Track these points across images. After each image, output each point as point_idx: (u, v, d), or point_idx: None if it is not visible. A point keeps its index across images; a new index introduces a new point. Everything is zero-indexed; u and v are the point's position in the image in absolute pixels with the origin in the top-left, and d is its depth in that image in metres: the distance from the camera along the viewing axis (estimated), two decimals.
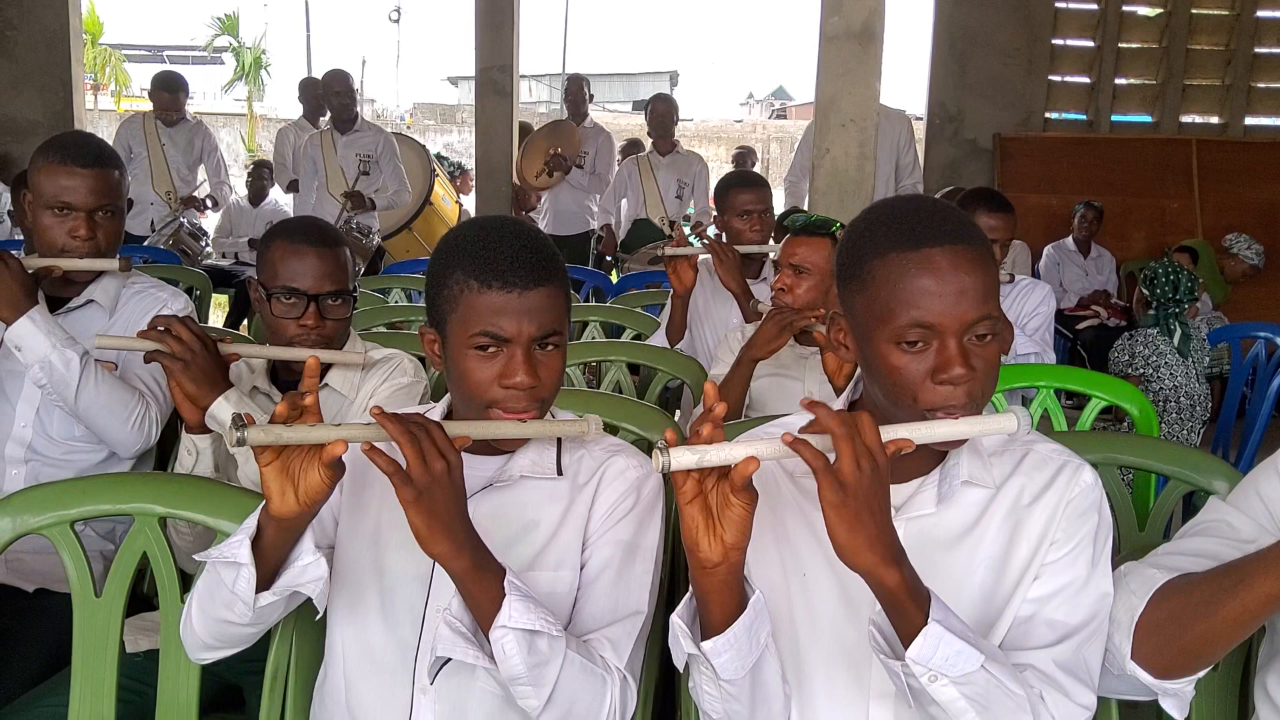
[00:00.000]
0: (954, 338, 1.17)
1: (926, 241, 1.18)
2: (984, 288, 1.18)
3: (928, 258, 1.17)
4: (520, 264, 1.32)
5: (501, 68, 7.22)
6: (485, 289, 1.31)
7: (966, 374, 1.16)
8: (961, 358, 1.16)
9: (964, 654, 1.08)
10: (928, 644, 1.07)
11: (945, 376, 1.16)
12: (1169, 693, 1.24)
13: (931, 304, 1.16)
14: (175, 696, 1.55)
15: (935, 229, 1.19)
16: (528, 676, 1.20)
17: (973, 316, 1.17)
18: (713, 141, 22.87)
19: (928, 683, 1.09)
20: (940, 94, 7.81)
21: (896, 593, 1.08)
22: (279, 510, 1.20)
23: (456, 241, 1.38)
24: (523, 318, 1.31)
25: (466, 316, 1.32)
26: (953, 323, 1.16)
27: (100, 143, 2.23)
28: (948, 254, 1.17)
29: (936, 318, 1.16)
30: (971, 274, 1.17)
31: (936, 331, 1.17)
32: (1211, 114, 8.00)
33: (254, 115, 25.16)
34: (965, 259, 1.17)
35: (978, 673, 1.09)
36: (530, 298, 1.31)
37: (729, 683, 1.16)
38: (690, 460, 1.07)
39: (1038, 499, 1.27)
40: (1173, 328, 4.08)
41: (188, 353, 1.79)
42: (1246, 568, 1.17)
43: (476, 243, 1.35)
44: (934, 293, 1.16)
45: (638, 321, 3.59)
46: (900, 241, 1.19)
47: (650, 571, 1.40)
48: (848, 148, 3.63)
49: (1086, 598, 1.24)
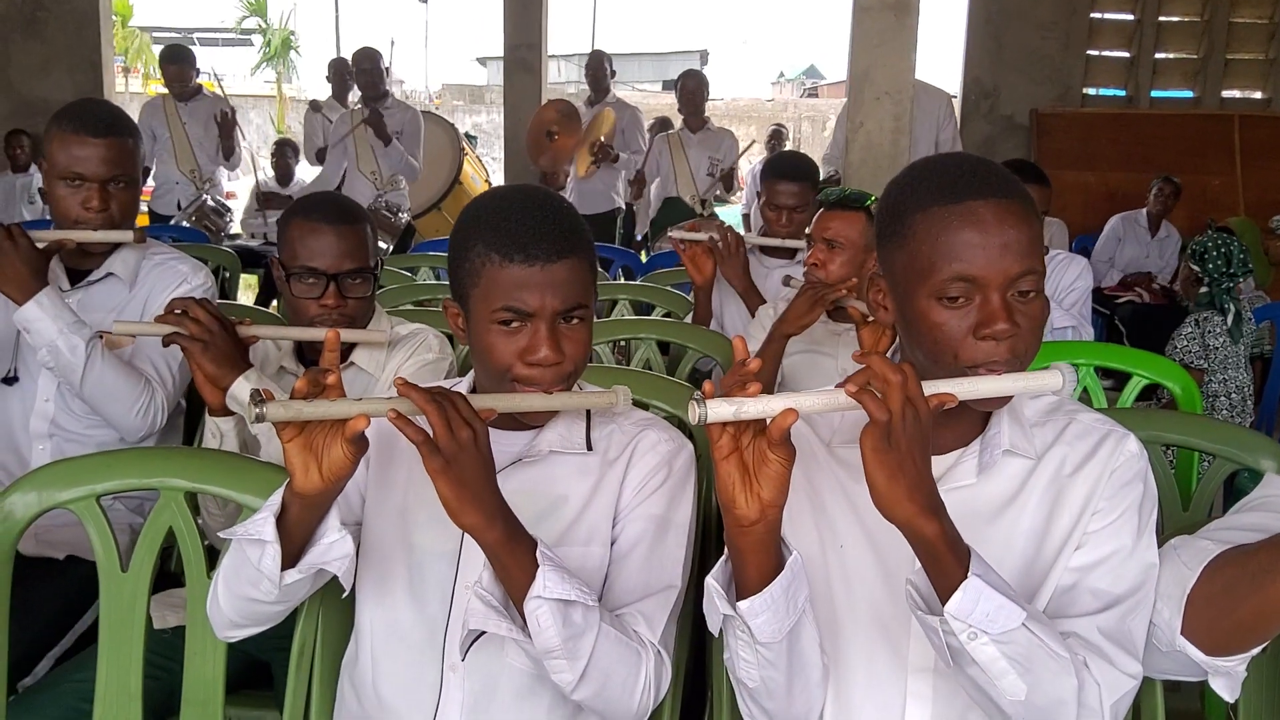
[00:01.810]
0: (997, 291, 1.14)
1: (969, 195, 1.15)
2: (1028, 242, 1.15)
3: (971, 210, 1.14)
4: (542, 236, 1.28)
5: (529, 45, 7.20)
6: (507, 262, 1.28)
7: (1010, 329, 1.13)
8: (1005, 312, 1.13)
9: (1005, 609, 1.04)
10: (967, 598, 1.03)
11: (988, 331, 1.14)
12: (1220, 671, 1.19)
13: (974, 257, 1.13)
14: (202, 673, 1.53)
15: (979, 183, 1.16)
16: (562, 649, 1.18)
17: (1016, 270, 1.14)
18: (743, 121, 22.74)
19: (967, 640, 1.05)
20: (976, 69, 7.70)
21: (935, 544, 1.04)
22: (303, 487, 1.18)
23: (477, 213, 1.35)
24: (546, 291, 1.28)
25: (488, 291, 1.29)
26: (996, 276, 1.14)
27: (114, 111, 2.18)
28: (991, 207, 1.14)
29: (980, 270, 1.14)
30: (1016, 227, 1.14)
31: (979, 285, 1.14)
32: (1254, 89, 7.84)
33: (283, 96, 25.28)
34: (1009, 212, 1.15)
35: (1019, 631, 1.05)
36: (553, 271, 1.28)
37: (765, 646, 1.13)
38: (728, 412, 1.04)
39: (1080, 469, 1.24)
40: (1226, 306, 3.89)
41: (206, 334, 1.77)
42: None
43: (497, 214, 1.32)
44: (977, 245, 1.13)
45: (668, 299, 3.55)
46: (943, 195, 1.16)
47: (683, 546, 1.38)
48: (882, 121, 3.56)
49: (1131, 568, 1.20)
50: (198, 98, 6.23)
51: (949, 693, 1.23)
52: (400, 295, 3.44)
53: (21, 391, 2.14)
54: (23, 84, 7.58)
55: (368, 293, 1.92)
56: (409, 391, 1.15)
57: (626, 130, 6.71)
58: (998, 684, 1.07)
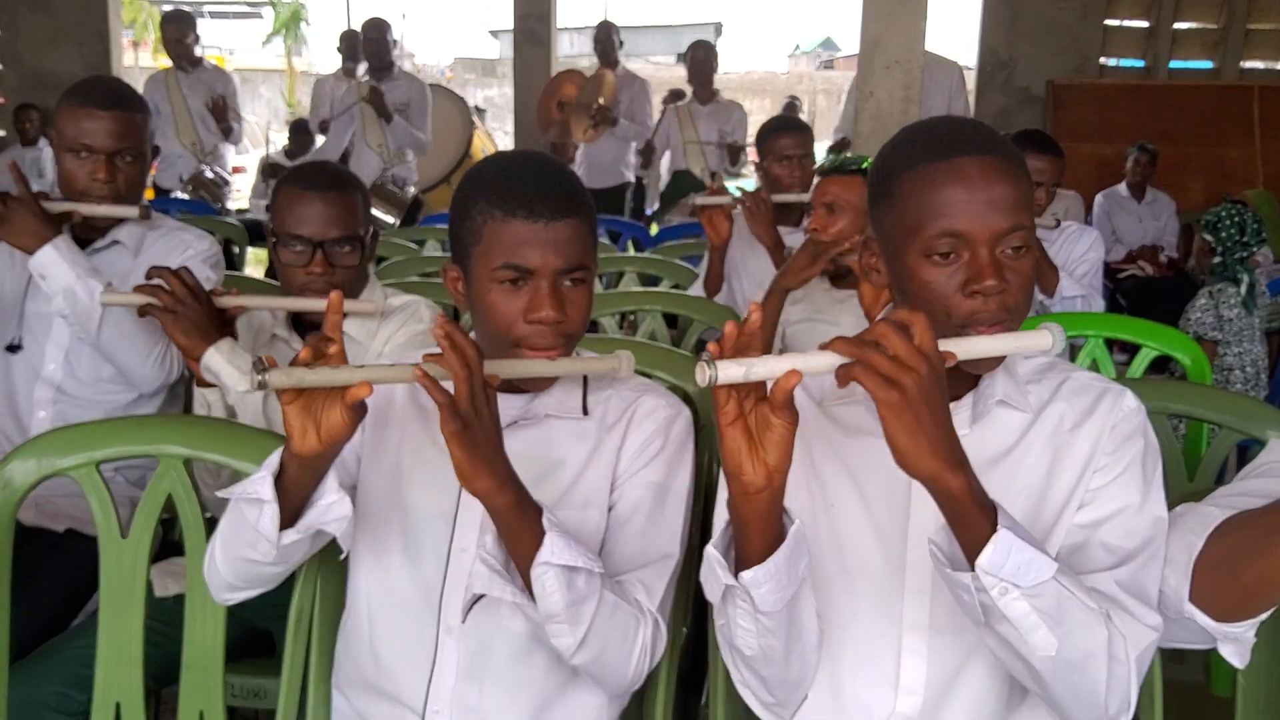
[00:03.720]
0: (985, 247, 1.13)
1: (956, 151, 1.15)
2: (1015, 197, 1.14)
3: (956, 167, 1.14)
4: (545, 194, 1.28)
5: (539, 17, 7.16)
6: (509, 218, 1.28)
7: (998, 284, 1.13)
8: (993, 268, 1.13)
9: (1036, 562, 1.02)
10: (998, 552, 1.01)
11: (977, 288, 1.13)
12: (1229, 637, 1.18)
13: (961, 212, 1.13)
14: (202, 639, 1.54)
15: (965, 140, 1.16)
16: (565, 614, 1.19)
17: (1004, 226, 1.13)
18: (758, 94, 22.62)
19: (998, 596, 1.02)
20: (991, 40, 7.61)
21: (962, 499, 1.01)
22: (300, 449, 1.18)
23: (480, 173, 1.35)
24: (548, 249, 1.28)
25: (490, 248, 1.29)
26: (983, 231, 1.13)
27: (123, 86, 2.20)
28: (977, 163, 1.14)
29: (966, 226, 1.13)
30: (1002, 183, 1.14)
31: (967, 241, 1.14)
32: (1276, 59, 7.73)
33: (293, 70, 25.23)
34: (995, 169, 1.14)
35: (1049, 583, 1.03)
36: (556, 229, 1.28)
37: (766, 615, 1.12)
38: (737, 373, 1.01)
39: (1080, 425, 1.23)
40: (1240, 276, 3.85)
41: (177, 304, 1.77)
42: None
43: (500, 173, 1.32)
44: (963, 201, 1.13)
45: (674, 272, 3.54)
46: (930, 154, 1.16)
47: (681, 513, 1.38)
48: (892, 90, 3.53)
49: (1141, 522, 1.20)
50: (198, 70, 6.22)
51: (945, 649, 1.23)
52: (406, 268, 3.44)
53: (27, 358, 2.15)
54: (31, 57, 7.57)
55: (356, 261, 1.90)
56: (447, 348, 1.13)
57: (635, 102, 6.65)
58: (1029, 640, 1.05)
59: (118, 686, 1.55)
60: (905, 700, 1.24)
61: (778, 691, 1.24)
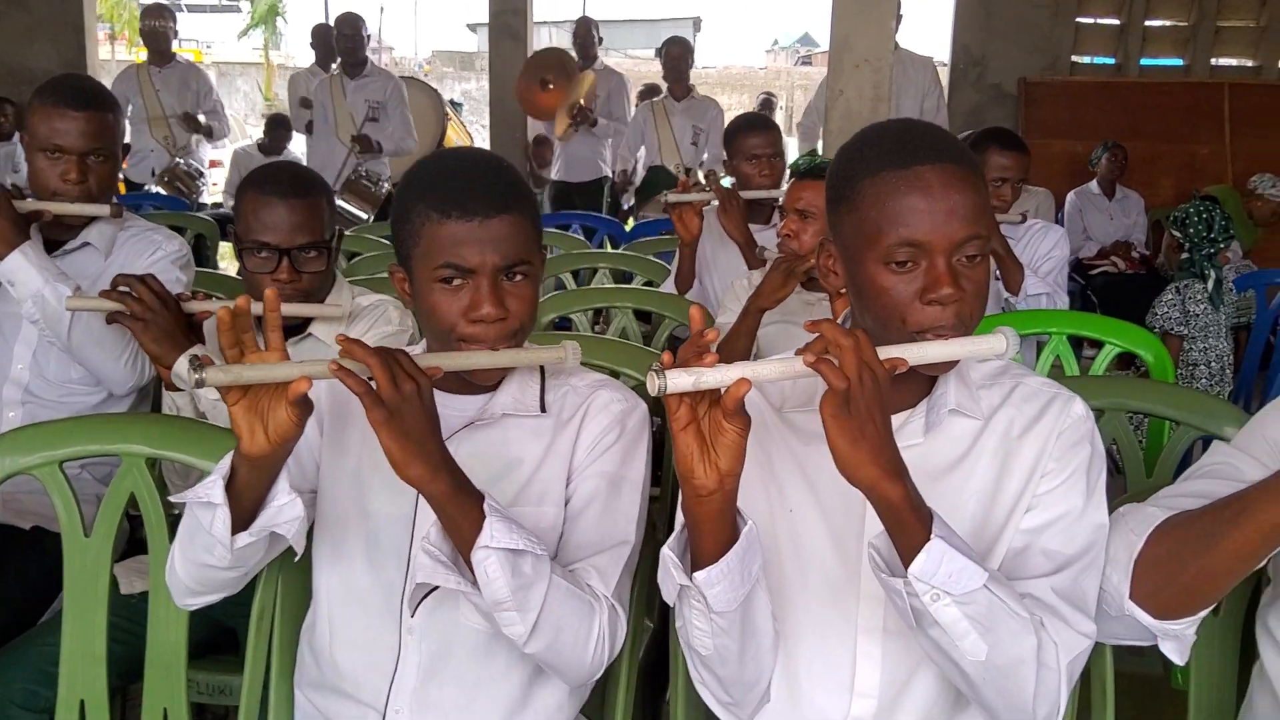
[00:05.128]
0: (943, 256, 1.15)
1: (916, 160, 1.16)
2: (973, 207, 1.16)
3: (917, 175, 1.15)
4: (479, 192, 1.29)
5: (515, 11, 7.14)
6: (445, 219, 1.28)
7: (955, 294, 1.14)
8: (950, 277, 1.14)
9: (967, 570, 1.05)
10: (930, 559, 1.04)
11: (934, 296, 1.15)
12: (1169, 634, 1.21)
13: (920, 222, 1.14)
14: (165, 637, 1.55)
15: (924, 148, 1.17)
16: (512, 600, 1.18)
17: (962, 235, 1.15)
18: (736, 89, 22.65)
19: (929, 602, 1.06)
20: (964, 37, 7.64)
21: (899, 507, 1.05)
22: (250, 449, 1.18)
23: (416, 175, 1.35)
24: (485, 247, 1.28)
25: (429, 249, 1.29)
26: (942, 241, 1.14)
27: (95, 85, 2.20)
28: (937, 172, 1.15)
29: (925, 236, 1.14)
30: (961, 193, 1.15)
31: (925, 250, 1.15)
32: (1245, 56, 7.79)
33: (270, 64, 25.05)
34: (955, 178, 1.15)
35: (980, 591, 1.06)
36: (492, 226, 1.28)
37: (720, 615, 1.14)
38: (686, 382, 1.04)
39: (1028, 430, 1.25)
40: (1207, 272, 3.90)
41: (147, 312, 1.77)
42: (1247, 498, 1.15)
43: (435, 173, 1.32)
44: (923, 210, 1.14)
45: (647, 268, 3.56)
46: (890, 161, 1.17)
47: (637, 503, 1.39)
48: (862, 89, 3.55)
49: (1082, 528, 1.22)
50: (172, 64, 6.19)
51: (898, 652, 1.24)
52: (379, 263, 3.44)
53: None
54: (6, 52, 7.48)
55: (323, 266, 1.90)
56: (351, 347, 1.15)
57: (612, 98, 6.66)
58: (959, 645, 1.08)
59: (82, 684, 1.55)
60: (860, 703, 1.26)
61: (734, 691, 1.25)
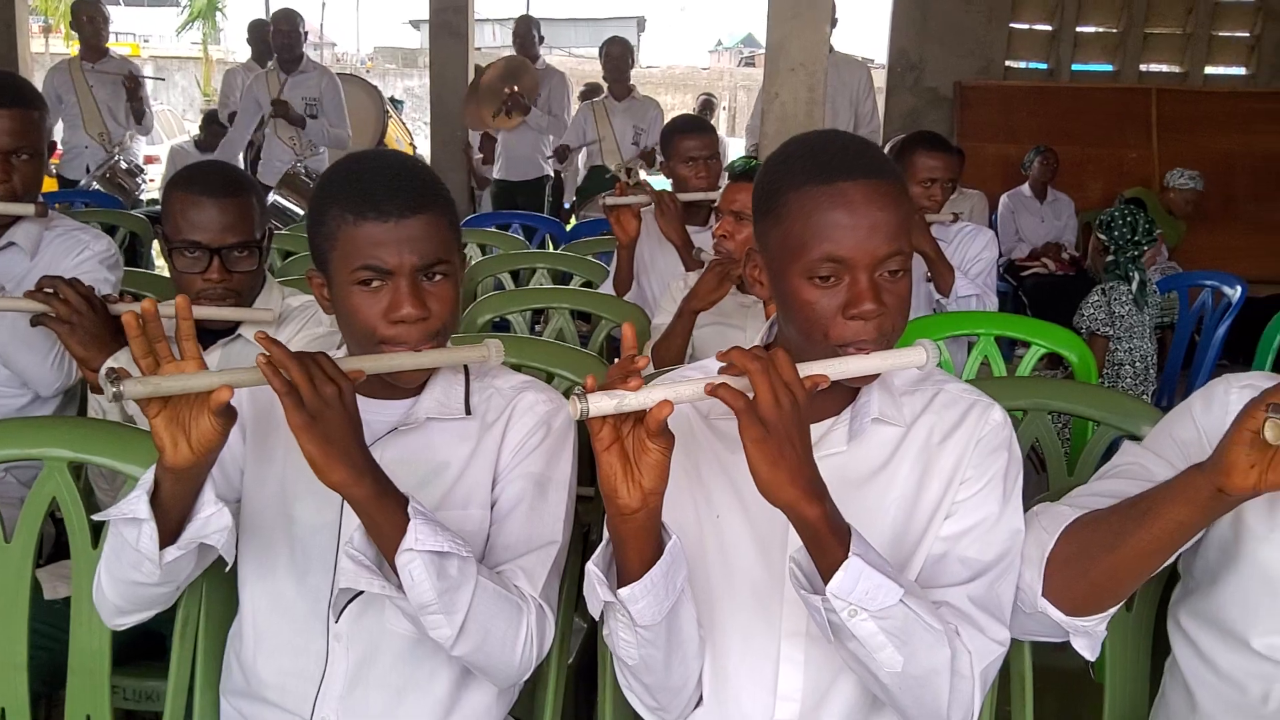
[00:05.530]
0: (865, 272, 1.17)
1: (840, 175, 1.17)
2: (896, 223, 1.18)
3: (841, 191, 1.16)
4: (394, 192, 1.28)
5: (456, 9, 7.09)
6: (361, 220, 1.27)
7: (877, 309, 1.16)
8: (872, 293, 1.16)
9: (883, 588, 1.08)
10: (848, 577, 1.07)
11: (856, 311, 1.16)
12: (1080, 631, 1.25)
13: (843, 237, 1.16)
14: (88, 644, 1.53)
15: (848, 163, 1.18)
16: (438, 603, 1.18)
17: (884, 251, 1.17)
18: (679, 89, 22.72)
19: (847, 617, 1.08)
20: (901, 41, 7.74)
21: (818, 527, 1.07)
22: (173, 461, 1.17)
23: (331, 178, 1.35)
24: (403, 247, 1.27)
25: (346, 251, 1.28)
26: (864, 257, 1.16)
27: (19, 81, 2.15)
28: (861, 188, 1.16)
29: (848, 251, 1.16)
30: (884, 209, 1.17)
31: (848, 266, 1.17)
32: (1172, 63, 7.99)
33: (209, 59, 24.61)
34: (878, 193, 1.17)
35: (896, 607, 1.09)
36: (408, 226, 1.28)
37: (645, 629, 1.16)
38: (608, 405, 1.05)
39: (948, 437, 1.27)
40: (1131, 274, 4.01)
41: (74, 314, 1.75)
42: (1154, 497, 1.18)
43: (349, 176, 1.32)
44: (846, 226, 1.16)
45: (585, 268, 3.57)
46: (813, 175, 1.18)
47: (563, 503, 1.39)
48: (796, 92, 3.59)
49: (998, 535, 1.25)
50: (105, 60, 6.07)
51: (821, 657, 1.26)
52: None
53: None
54: None
55: (254, 265, 1.88)
56: (271, 348, 1.14)
57: (553, 96, 6.65)
58: (876, 657, 1.11)
59: (3, 691, 1.53)
60: (784, 707, 1.28)
61: (660, 697, 1.27)
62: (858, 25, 7.41)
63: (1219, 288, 4.16)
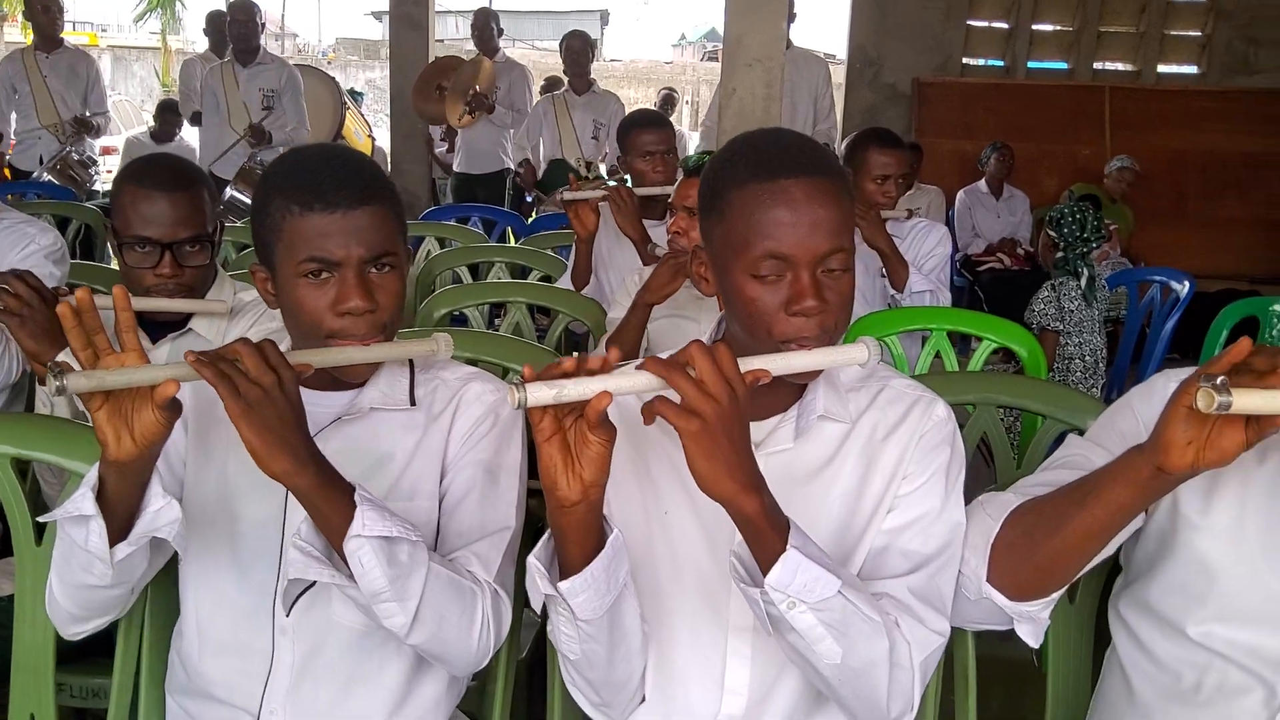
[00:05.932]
0: (807, 269, 1.17)
1: (782, 173, 1.18)
2: (837, 220, 1.19)
3: (783, 189, 1.17)
4: (340, 183, 1.27)
5: (415, 1, 7.04)
6: (307, 211, 1.26)
7: (818, 305, 1.17)
8: (814, 289, 1.17)
9: (822, 580, 1.09)
10: (786, 570, 1.07)
11: (798, 308, 1.17)
12: (1024, 616, 1.26)
13: (785, 235, 1.17)
14: (31, 640, 1.51)
15: (790, 161, 1.19)
16: (390, 590, 1.17)
17: (825, 248, 1.18)
18: (642, 83, 22.69)
19: (786, 610, 1.09)
20: (860, 37, 7.80)
21: (756, 520, 1.08)
22: (116, 455, 1.15)
23: (275, 170, 1.34)
24: (349, 238, 1.27)
25: (292, 243, 1.27)
26: (805, 254, 1.17)
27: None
28: (802, 186, 1.17)
29: (790, 249, 1.17)
30: (825, 206, 1.18)
31: (790, 263, 1.17)
32: (1125, 61, 8.11)
33: (168, 49, 24.24)
34: (819, 191, 1.18)
35: (835, 599, 1.09)
36: (355, 217, 1.27)
37: (587, 623, 1.16)
38: (547, 395, 1.04)
39: (892, 433, 1.28)
40: (1080, 270, 4.06)
41: (24, 308, 1.73)
42: (1096, 480, 1.20)
43: (294, 168, 1.31)
44: (787, 223, 1.17)
45: (544, 262, 3.56)
46: (756, 173, 1.19)
47: (515, 488, 1.39)
48: (754, 88, 3.60)
49: (940, 528, 1.26)
50: (60, 50, 5.98)
51: (767, 651, 1.27)
52: None
53: None
54: None
55: (206, 260, 1.86)
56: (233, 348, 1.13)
57: (513, 89, 6.61)
58: (815, 649, 1.12)
59: None
60: (730, 700, 1.29)
61: (604, 692, 1.27)
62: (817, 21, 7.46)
63: (1167, 283, 4.23)
